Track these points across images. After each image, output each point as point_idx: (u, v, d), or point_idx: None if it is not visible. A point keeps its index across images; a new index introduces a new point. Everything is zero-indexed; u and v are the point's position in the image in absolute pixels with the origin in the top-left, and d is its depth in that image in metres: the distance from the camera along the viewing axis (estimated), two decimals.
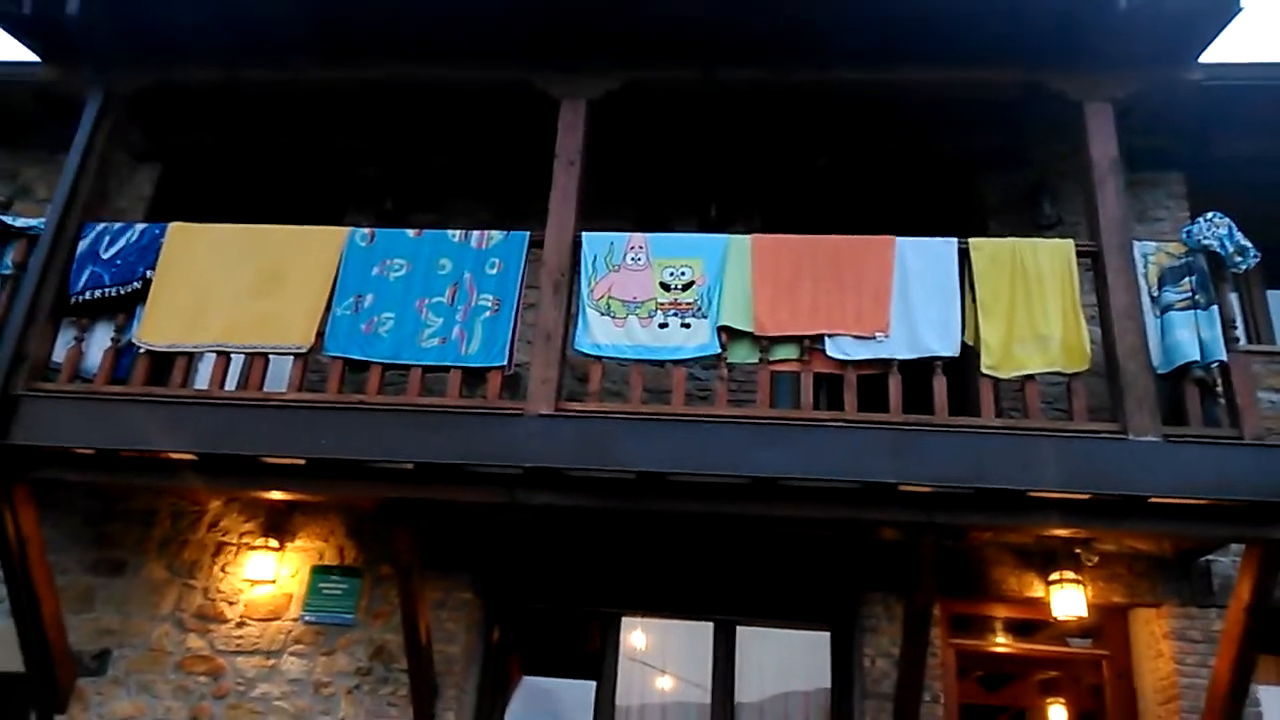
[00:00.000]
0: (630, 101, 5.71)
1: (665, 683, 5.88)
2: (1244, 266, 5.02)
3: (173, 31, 5.76)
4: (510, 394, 5.20)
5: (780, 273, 5.11)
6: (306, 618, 5.73)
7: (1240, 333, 5.01)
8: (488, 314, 5.16)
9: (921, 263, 5.08)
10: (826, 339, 4.97)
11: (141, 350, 5.27)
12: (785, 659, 5.85)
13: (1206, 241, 5.00)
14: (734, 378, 5.56)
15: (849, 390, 4.88)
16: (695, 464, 4.72)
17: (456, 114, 6.79)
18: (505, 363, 5.06)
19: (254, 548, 5.84)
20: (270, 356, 5.21)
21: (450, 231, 5.45)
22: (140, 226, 5.63)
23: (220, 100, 6.77)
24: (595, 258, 5.24)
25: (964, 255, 5.10)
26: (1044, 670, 7.36)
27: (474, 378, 5.19)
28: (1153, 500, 4.55)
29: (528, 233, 5.36)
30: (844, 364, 4.94)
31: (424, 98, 6.51)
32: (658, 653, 5.94)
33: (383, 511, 5.16)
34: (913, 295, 5.00)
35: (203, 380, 5.33)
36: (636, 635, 5.91)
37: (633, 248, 5.26)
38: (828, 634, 5.77)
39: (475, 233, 5.41)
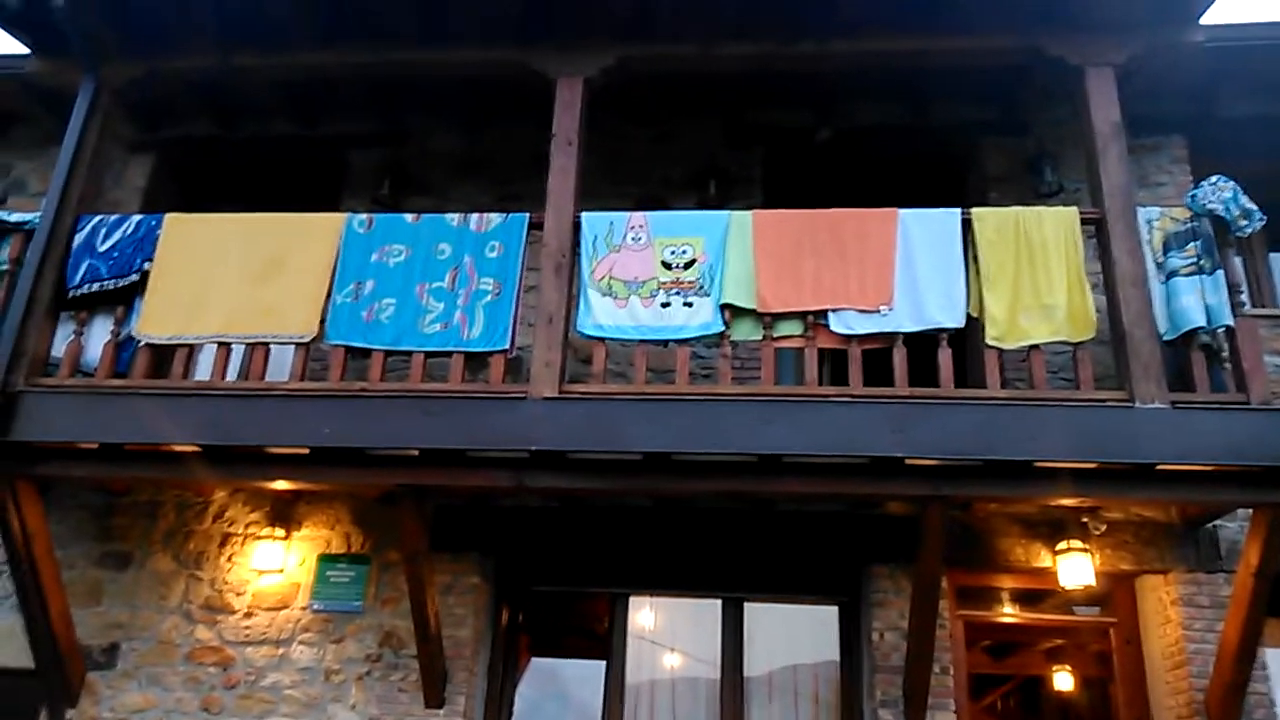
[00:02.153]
0: (627, 79, 5.65)
1: (674, 660, 5.89)
2: (1249, 230, 4.98)
3: (163, 19, 5.69)
4: (513, 378, 5.18)
5: (782, 248, 5.07)
6: (315, 606, 5.73)
7: (1245, 297, 4.99)
8: (489, 298, 5.12)
9: (924, 234, 5.04)
10: (830, 314, 4.94)
11: (142, 343, 5.24)
12: (793, 634, 5.86)
13: (1211, 205, 4.95)
14: (738, 355, 5.54)
15: (854, 365, 4.86)
16: (701, 443, 4.70)
17: (452, 96, 6.74)
18: (508, 346, 5.03)
19: (260, 538, 5.83)
20: (272, 346, 5.18)
21: (449, 215, 5.41)
22: (136, 218, 5.58)
23: (212, 88, 6.72)
24: (595, 238, 5.20)
25: (967, 226, 5.05)
26: (1051, 638, 7.40)
27: (477, 362, 5.16)
28: (1160, 467, 4.53)
29: (527, 214, 5.32)
30: (848, 338, 4.91)
31: (418, 80, 6.46)
32: (666, 631, 5.95)
33: (389, 498, 5.14)
34: (916, 267, 4.96)
35: (204, 371, 5.30)
36: (644, 614, 5.92)
37: (633, 227, 5.22)
38: (836, 608, 5.78)
39: (474, 216, 5.36)
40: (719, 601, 5.81)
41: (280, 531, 5.82)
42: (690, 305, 5.03)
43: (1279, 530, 4.63)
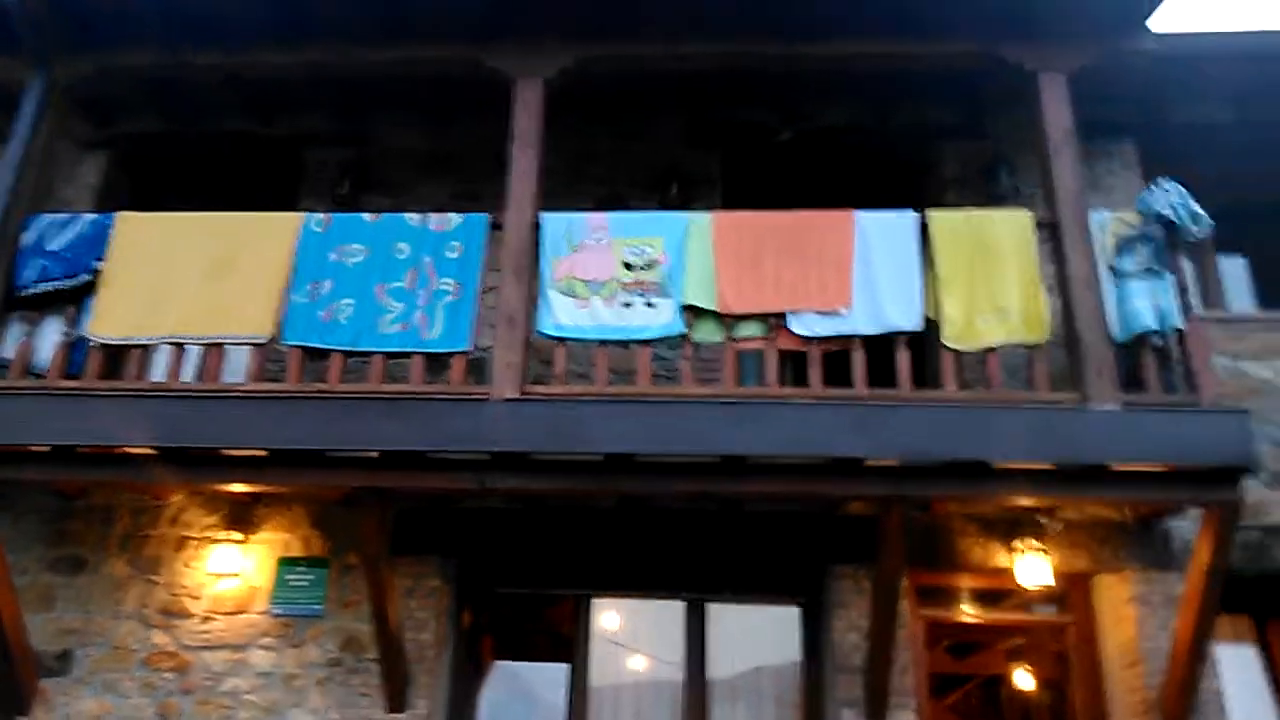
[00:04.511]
0: (588, 79, 5.65)
1: (638, 662, 5.89)
2: (1198, 233, 5.07)
3: (116, 16, 5.61)
4: (474, 378, 5.16)
5: (742, 250, 5.09)
6: (274, 610, 5.66)
7: (1195, 299, 5.08)
8: (449, 298, 5.10)
9: (882, 237, 5.09)
10: (790, 315, 4.97)
11: (94, 344, 5.15)
12: (756, 635, 5.88)
13: (1161, 209, 5.05)
14: (699, 356, 5.55)
15: (814, 366, 4.89)
16: (663, 444, 4.71)
17: (412, 95, 6.71)
18: (468, 347, 5.01)
19: (217, 541, 5.76)
20: (227, 347, 5.12)
21: (408, 215, 5.38)
22: (88, 217, 5.49)
23: (166, 85, 6.62)
24: (556, 238, 5.19)
25: (923, 228, 5.11)
26: (1010, 638, 7.48)
27: (437, 363, 5.13)
28: (1114, 468, 4.60)
29: (487, 215, 5.30)
30: (808, 340, 4.94)
31: (378, 79, 6.41)
32: (630, 633, 5.95)
33: (349, 501, 5.10)
34: (874, 269, 5.01)
35: (159, 372, 5.23)
36: (608, 616, 5.91)
37: (593, 228, 5.21)
38: (798, 609, 5.81)
39: (434, 215, 5.33)
40: (682, 603, 5.82)
41: (238, 535, 5.75)
42: (652, 306, 5.03)
43: (1229, 529, 4.71)
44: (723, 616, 5.82)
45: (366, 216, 5.39)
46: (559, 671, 5.73)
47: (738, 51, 5.60)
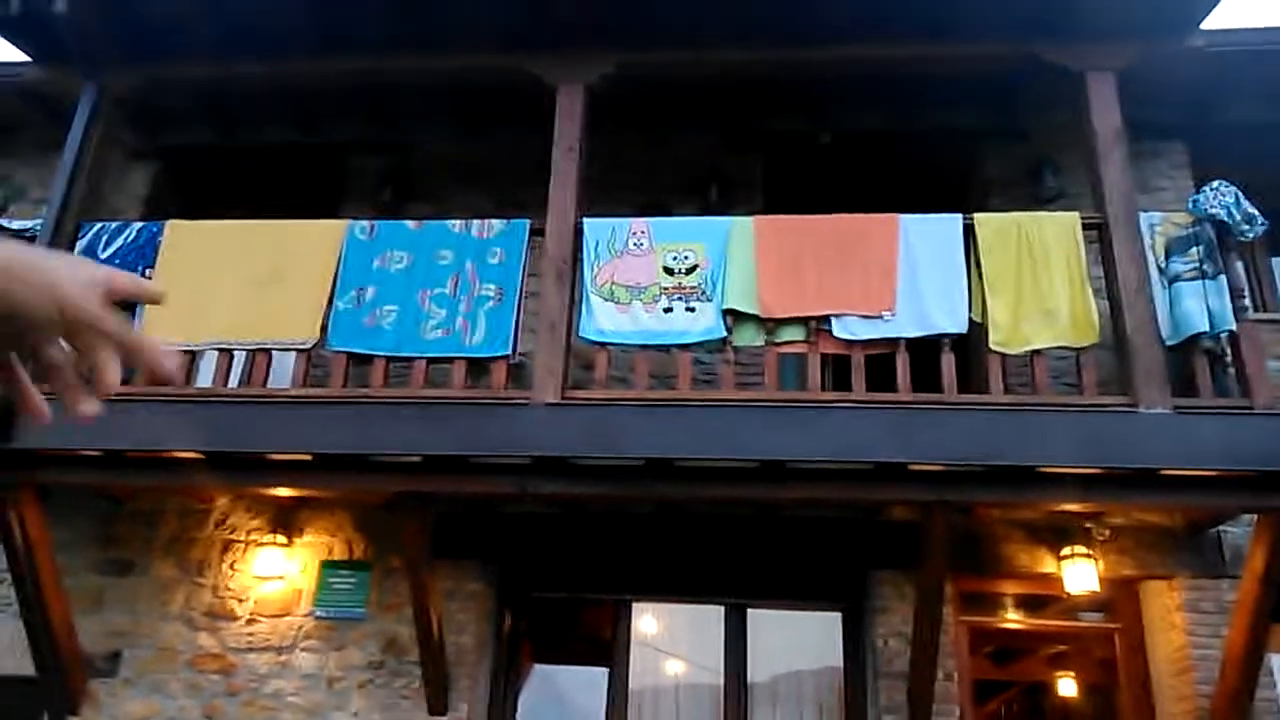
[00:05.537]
0: (627, 85, 5.66)
1: (677, 667, 5.88)
2: (1252, 235, 4.98)
3: (163, 28, 5.70)
4: (516, 383, 5.18)
5: (784, 254, 5.07)
6: (317, 613, 5.72)
7: (1248, 301, 4.98)
8: (491, 304, 5.12)
9: (926, 240, 5.04)
10: (833, 319, 4.93)
11: None
12: (796, 640, 5.85)
13: (1213, 210, 4.95)
14: (740, 361, 5.53)
15: (856, 370, 4.85)
16: (703, 448, 4.69)
17: (452, 103, 6.75)
18: (510, 352, 5.03)
19: (262, 544, 5.82)
20: (274, 352, 5.18)
21: (450, 222, 5.41)
22: (137, 225, 5.58)
23: (212, 95, 6.73)
24: (597, 244, 5.20)
25: (968, 231, 5.06)
26: (1054, 644, 7.37)
27: (479, 368, 5.16)
28: (1164, 472, 4.52)
29: (528, 221, 5.32)
30: (851, 344, 4.91)
31: (418, 88, 6.46)
32: (669, 637, 5.94)
33: (391, 505, 5.14)
34: (919, 273, 4.96)
35: (206, 378, 5.30)
36: (647, 620, 5.91)
37: (635, 233, 5.21)
38: (839, 614, 5.77)
39: (476, 222, 5.37)
40: (722, 608, 5.80)
41: (282, 538, 5.81)
42: (693, 310, 5.02)
43: None
44: (763, 621, 5.79)
45: (410, 224, 5.43)
46: (597, 675, 5.74)
47: (771, 58, 5.59)
